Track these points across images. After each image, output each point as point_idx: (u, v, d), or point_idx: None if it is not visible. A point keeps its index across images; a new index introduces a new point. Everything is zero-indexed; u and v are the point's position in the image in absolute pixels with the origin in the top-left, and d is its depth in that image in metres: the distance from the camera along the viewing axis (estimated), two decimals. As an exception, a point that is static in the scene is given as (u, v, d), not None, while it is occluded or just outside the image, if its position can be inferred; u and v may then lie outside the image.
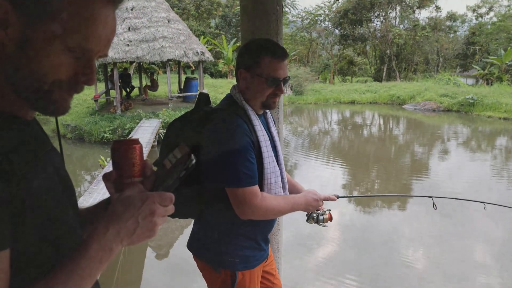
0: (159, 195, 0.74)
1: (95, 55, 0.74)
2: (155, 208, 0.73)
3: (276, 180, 1.68)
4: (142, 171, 0.81)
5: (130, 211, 0.71)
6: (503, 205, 1.79)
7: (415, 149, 12.36)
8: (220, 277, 1.74)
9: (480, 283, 4.52)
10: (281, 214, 1.72)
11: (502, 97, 18.58)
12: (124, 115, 13.74)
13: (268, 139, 1.67)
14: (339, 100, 23.45)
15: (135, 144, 0.81)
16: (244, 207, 1.58)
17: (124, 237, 0.71)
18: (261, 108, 1.69)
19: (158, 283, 4.68)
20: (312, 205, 1.75)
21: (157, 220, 0.73)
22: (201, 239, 1.79)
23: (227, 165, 1.56)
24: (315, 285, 4.54)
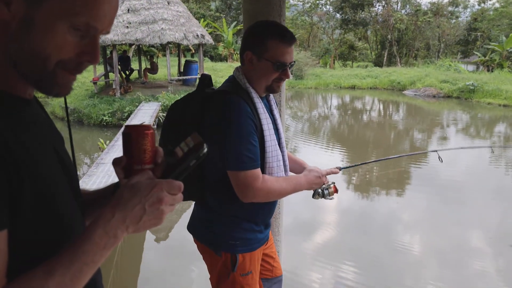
0: (168, 183, 0.73)
1: (99, 33, 0.73)
2: (163, 196, 0.71)
3: (278, 164, 1.68)
4: (153, 158, 0.80)
5: (137, 198, 0.70)
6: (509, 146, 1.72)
7: (415, 135, 12.38)
8: (220, 260, 1.75)
9: (476, 268, 4.58)
10: (283, 195, 1.72)
11: (502, 84, 18.51)
12: (123, 98, 13.68)
13: (270, 122, 1.66)
14: (340, 85, 23.35)
15: (147, 130, 0.79)
16: (246, 190, 1.57)
17: (130, 224, 0.70)
18: (264, 91, 1.68)
19: (157, 265, 4.74)
20: (315, 182, 1.77)
21: (164, 208, 0.72)
22: (201, 222, 1.79)
23: (229, 148, 1.55)
24: (313, 269, 4.59)
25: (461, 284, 4.21)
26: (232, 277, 1.76)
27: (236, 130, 1.54)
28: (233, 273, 1.75)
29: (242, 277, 1.77)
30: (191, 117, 1.66)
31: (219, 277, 1.80)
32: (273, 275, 2.04)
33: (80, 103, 13.82)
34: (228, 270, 1.76)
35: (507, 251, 4.99)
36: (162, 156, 0.82)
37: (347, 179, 7.89)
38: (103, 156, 7.22)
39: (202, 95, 1.67)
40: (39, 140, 0.75)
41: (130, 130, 0.79)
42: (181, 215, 6.12)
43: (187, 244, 4.89)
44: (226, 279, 1.78)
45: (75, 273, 0.65)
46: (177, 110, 1.72)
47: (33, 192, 0.68)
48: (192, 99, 1.70)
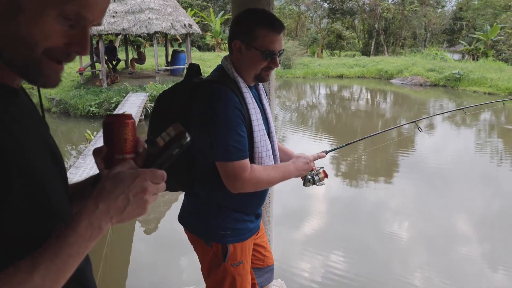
0: (151, 172, 0.72)
1: (90, 23, 0.71)
2: (147, 185, 0.70)
3: (267, 153, 1.67)
4: (134, 147, 0.79)
5: (120, 188, 0.69)
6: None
7: (402, 123, 12.49)
8: (211, 250, 1.75)
9: (462, 252, 4.68)
10: (272, 184, 1.70)
11: (487, 72, 18.75)
12: (110, 89, 13.51)
13: (259, 112, 1.64)
14: (327, 74, 23.39)
15: (128, 119, 0.79)
16: (234, 181, 1.57)
17: (114, 214, 0.69)
18: (253, 80, 1.66)
19: (147, 257, 4.73)
20: (303, 169, 1.76)
21: (148, 198, 0.71)
22: (192, 212, 1.78)
23: (217, 139, 1.54)
24: (303, 257, 4.64)
25: (449, 269, 4.30)
26: (223, 267, 1.76)
27: (223, 121, 1.53)
28: (224, 263, 1.75)
29: (233, 267, 1.77)
30: (178, 107, 1.64)
31: (210, 267, 1.80)
32: (264, 264, 2.04)
33: (66, 94, 13.61)
34: (219, 261, 1.75)
35: (492, 236, 5.10)
36: (143, 145, 0.81)
37: (336, 167, 7.96)
38: (91, 148, 7.15)
39: (189, 85, 1.65)
40: (30, 131, 0.73)
41: (111, 119, 0.78)
42: (171, 206, 6.12)
43: (177, 235, 4.90)
44: (217, 269, 1.78)
45: (59, 265, 0.65)
46: (165, 100, 1.70)
47: (24, 185, 0.66)
48: (179, 89, 1.68)
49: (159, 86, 13.50)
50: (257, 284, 2.05)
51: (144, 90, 13.31)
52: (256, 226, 1.85)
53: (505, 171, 7.82)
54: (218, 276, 1.80)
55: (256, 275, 2.04)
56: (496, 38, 25.59)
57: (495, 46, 26.28)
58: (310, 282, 4.13)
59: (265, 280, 2.10)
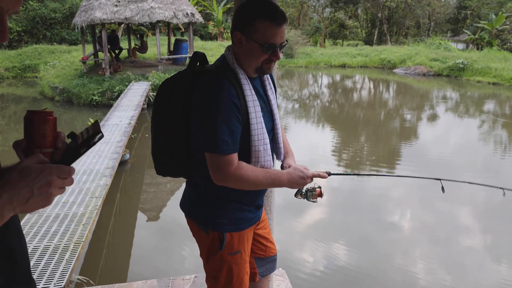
0: (58, 168, 0.76)
1: (6, 13, 0.74)
2: (52, 179, 0.74)
3: (265, 147, 1.64)
4: (53, 142, 0.83)
5: (25, 181, 0.73)
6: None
7: (405, 114, 12.45)
8: (208, 237, 1.77)
9: (464, 244, 4.69)
10: (257, 187, 1.64)
11: (491, 62, 18.59)
12: (113, 78, 13.50)
13: (258, 104, 1.61)
14: (330, 64, 23.27)
15: (49, 116, 0.82)
16: (217, 173, 1.57)
17: (17, 205, 0.72)
18: (254, 72, 1.63)
19: (149, 245, 4.77)
20: (297, 183, 1.67)
21: (53, 191, 0.75)
22: (191, 199, 1.80)
23: (206, 130, 1.54)
24: (304, 247, 4.67)
25: (451, 260, 4.32)
26: (220, 255, 1.78)
27: (215, 112, 1.52)
28: (221, 251, 1.76)
29: (230, 256, 1.78)
30: (179, 96, 1.63)
31: (208, 255, 1.82)
32: (266, 255, 2.05)
33: (69, 82, 13.61)
34: (216, 248, 1.77)
35: (494, 228, 5.11)
36: (63, 141, 0.85)
37: (337, 157, 7.96)
38: (93, 137, 7.17)
39: (191, 74, 1.65)
40: None
41: (31, 115, 0.82)
42: (173, 195, 6.15)
43: (179, 224, 4.93)
44: (214, 257, 1.80)
45: None
46: (167, 88, 1.69)
47: None
48: (181, 77, 1.68)
49: (161, 75, 13.47)
50: (258, 273, 2.07)
51: (147, 79, 13.30)
52: (256, 216, 1.85)
53: (508, 162, 7.79)
54: (216, 264, 1.82)
55: (257, 265, 2.05)
56: (501, 27, 25.32)
57: (500, 35, 26.01)
58: (311, 271, 4.16)
59: (267, 270, 2.11)
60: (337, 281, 4.04)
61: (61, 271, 3.07)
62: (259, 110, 1.61)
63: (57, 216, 4.03)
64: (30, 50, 20.55)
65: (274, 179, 1.62)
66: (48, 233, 3.66)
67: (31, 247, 3.42)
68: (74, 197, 4.52)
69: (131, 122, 8.17)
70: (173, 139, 1.68)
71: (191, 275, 3.01)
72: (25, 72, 19.36)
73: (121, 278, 4.07)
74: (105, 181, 5.03)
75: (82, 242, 3.52)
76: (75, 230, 3.72)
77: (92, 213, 4.09)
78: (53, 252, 3.35)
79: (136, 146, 8.39)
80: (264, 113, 1.68)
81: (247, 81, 1.60)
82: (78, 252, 3.35)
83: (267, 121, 1.70)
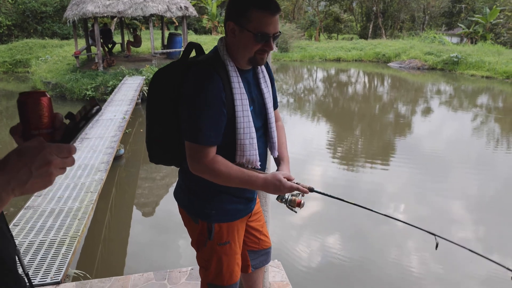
0: (57, 146, 0.74)
1: None
2: (52, 158, 0.72)
3: (251, 141, 1.62)
4: (51, 123, 0.80)
5: (23, 161, 0.70)
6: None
7: (399, 107, 12.50)
8: (198, 227, 1.79)
9: (458, 236, 4.74)
10: (230, 184, 1.62)
11: (485, 55, 18.68)
12: (107, 72, 13.41)
13: (245, 98, 1.59)
14: (325, 58, 23.27)
15: (42, 96, 0.80)
16: (193, 163, 1.58)
17: (15, 186, 0.70)
18: (247, 63, 1.61)
19: (145, 240, 4.78)
20: (272, 190, 1.62)
21: (53, 171, 0.73)
22: (182, 189, 1.81)
23: (188, 119, 1.55)
24: (300, 241, 4.70)
25: (443, 253, 4.37)
26: (209, 245, 1.79)
27: (200, 105, 1.52)
28: (210, 241, 1.77)
29: (219, 246, 1.79)
30: (170, 87, 1.63)
31: (198, 244, 1.85)
32: (259, 247, 2.07)
33: (62, 77, 13.51)
34: (205, 238, 1.78)
35: (485, 220, 5.17)
36: (61, 120, 0.82)
37: (332, 151, 7.99)
38: (87, 131, 7.15)
39: (183, 65, 1.64)
40: None
41: (24, 97, 0.79)
42: (168, 190, 6.15)
43: (174, 218, 4.94)
44: (204, 247, 1.82)
45: None
46: (160, 79, 1.70)
47: None
48: (173, 68, 1.68)
49: (155, 70, 13.37)
50: (251, 266, 2.08)
51: (141, 74, 13.23)
52: (248, 208, 1.86)
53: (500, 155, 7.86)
54: (206, 254, 1.84)
55: (250, 258, 2.06)
56: (495, 21, 25.42)
57: (494, 29, 26.12)
58: (307, 263, 4.20)
59: (260, 263, 2.12)
60: (332, 274, 4.07)
61: (57, 265, 3.08)
62: (247, 103, 1.60)
63: (52, 211, 4.03)
64: (21, 44, 20.32)
65: (248, 180, 1.58)
66: (44, 228, 3.66)
67: (26, 242, 3.42)
68: (69, 192, 4.52)
69: (125, 117, 8.15)
70: (165, 129, 1.69)
71: (187, 268, 3.04)
72: (16, 67, 19.15)
73: (118, 272, 4.08)
74: (100, 176, 5.02)
75: (78, 236, 3.52)
76: (70, 225, 3.72)
77: (88, 208, 4.10)
78: (49, 246, 3.35)
79: (130, 141, 8.37)
80: (255, 106, 1.67)
81: (236, 73, 1.59)
82: (74, 246, 3.36)
83: (258, 115, 1.69)
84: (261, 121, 1.72)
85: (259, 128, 1.71)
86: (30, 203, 4.22)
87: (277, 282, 2.84)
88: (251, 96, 1.66)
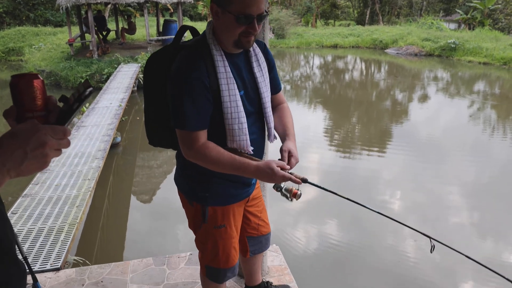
0: (52, 127, 0.73)
1: None
2: (47, 140, 0.72)
3: (240, 126, 1.59)
4: (45, 105, 0.80)
5: (17, 143, 0.70)
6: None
7: (396, 94, 12.49)
8: (193, 209, 1.80)
9: (453, 222, 4.78)
10: (220, 170, 1.60)
11: (483, 41, 18.62)
12: (101, 60, 13.30)
13: (233, 82, 1.56)
14: (322, 44, 23.14)
15: (35, 78, 0.79)
16: (184, 149, 1.58)
17: (10, 168, 0.69)
18: (233, 47, 1.56)
19: (143, 227, 4.80)
20: (264, 178, 1.59)
21: (48, 152, 0.72)
22: (179, 171, 1.82)
23: (173, 106, 1.55)
24: (298, 226, 4.73)
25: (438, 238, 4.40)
26: (204, 228, 1.81)
27: (183, 90, 1.51)
28: (205, 224, 1.79)
29: (214, 230, 1.81)
30: (161, 71, 1.63)
31: (194, 227, 1.87)
32: (258, 234, 2.07)
33: (56, 66, 13.40)
34: (200, 221, 1.80)
35: (480, 206, 5.21)
36: (54, 103, 0.82)
37: (329, 138, 8.00)
38: (84, 119, 7.12)
39: (173, 49, 1.63)
40: None
41: (16, 79, 0.78)
42: (165, 178, 6.16)
43: (172, 206, 4.96)
44: (200, 229, 1.84)
45: None
46: (152, 63, 1.69)
47: None
48: (164, 52, 1.67)
49: (151, 57, 13.29)
50: (249, 251, 2.10)
51: (136, 61, 13.13)
52: (244, 193, 1.85)
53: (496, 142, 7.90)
54: (202, 237, 1.86)
55: (249, 243, 2.08)
56: (493, 6, 25.26)
57: (492, 15, 25.98)
58: (304, 248, 4.23)
59: (259, 249, 2.14)
60: (329, 258, 4.11)
61: (57, 252, 3.09)
62: (234, 88, 1.56)
63: (50, 198, 4.03)
64: (13, 32, 20.05)
65: (239, 167, 1.56)
66: (42, 216, 3.67)
67: (25, 229, 3.43)
68: (67, 179, 4.52)
69: (121, 105, 8.11)
70: (159, 112, 1.69)
71: (186, 253, 3.05)
72: (9, 55, 18.92)
73: (117, 258, 4.10)
74: (97, 164, 5.02)
75: (77, 223, 3.53)
76: (69, 212, 3.73)
77: (86, 195, 4.10)
78: (48, 233, 3.36)
79: (127, 129, 8.35)
80: (247, 91, 1.64)
81: (222, 57, 1.55)
82: (73, 233, 3.37)
83: (250, 100, 1.66)
84: (254, 106, 1.69)
85: (251, 113, 1.68)
86: (28, 191, 4.21)
87: (275, 266, 2.87)
88: (242, 81, 1.62)
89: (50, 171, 4.74)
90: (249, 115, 1.65)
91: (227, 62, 1.56)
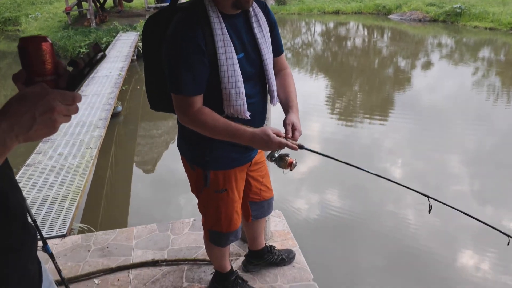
0: (60, 92, 0.72)
1: None
2: (55, 105, 0.70)
3: (237, 91, 1.56)
4: (54, 69, 0.78)
5: (25, 106, 0.68)
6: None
7: (399, 61, 12.32)
8: (194, 174, 1.82)
9: (454, 189, 4.81)
10: (216, 136, 1.59)
11: (489, 6, 18.16)
12: (100, 29, 13.10)
13: (230, 45, 1.52)
14: (324, 10, 22.62)
15: (44, 41, 0.78)
16: (180, 114, 1.58)
17: (19, 132, 0.68)
18: (232, 7, 1.51)
19: (146, 196, 4.85)
20: (259, 146, 1.59)
21: (57, 118, 0.71)
22: (181, 136, 1.82)
23: (168, 70, 1.52)
24: (300, 194, 4.77)
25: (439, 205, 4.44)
26: (206, 192, 1.83)
27: (178, 54, 1.48)
28: (207, 188, 1.80)
29: (216, 194, 1.82)
30: (157, 34, 1.60)
31: (196, 191, 1.88)
32: (260, 199, 2.09)
33: (54, 35, 13.20)
34: (201, 185, 1.81)
35: (481, 174, 5.23)
36: (64, 67, 0.80)
37: (330, 107, 7.95)
38: (84, 89, 7.07)
39: (169, 11, 1.59)
40: None
41: (25, 43, 0.77)
42: (167, 148, 6.18)
43: (174, 175, 5.00)
44: (201, 193, 1.86)
45: None
46: (149, 26, 1.66)
47: None
48: (161, 15, 1.63)
49: (150, 25, 13.07)
50: (251, 216, 2.12)
51: (135, 29, 12.93)
52: (247, 157, 1.85)
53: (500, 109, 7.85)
54: (204, 201, 1.89)
55: (251, 208, 2.10)
56: (500, -31, 24.54)
57: (498, -22, 25.27)
58: (306, 214, 4.29)
59: (261, 214, 2.16)
60: (331, 224, 4.17)
61: (62, 219, 3.14)
62: (231, 50, 1.52)
63: (53, 167, 4.06)
64: (8, 1, 19.62)
65: (234, 133, 1.55)
66: (46, 184, 3.70)
67: (30, 197, 3.47)
68: (69, 149, 4.53)
69: (121, 74, 8.04)
70: (157, 77, 1.67)
71: (190, 219, 3.10)
72: (5, 25, 18.58)
73: (121, 225, 4.15)
74: (98, 132, 5.02)
75: (80, 191, 3.57)
76: (72, 181, 3.76)
77: (88, 164, 4.12)
78: (52, 201, 3.40)
79: (128, 98, 8.30)
80: (247, 52, 1.60)
81: (218, 19, 1.51)
82: (77, 201, 3.41)
83: (252, 61, 1.63)
84: (256, 68, 1.65)
85: (252, 75, 1.64)
86: (31, 161, 4.24)
87: (278, 231, 2.91)
88: (241, 43, 1.58)
89: (52, 140, 4.75)
90: (250, 77, 1.62)
91: (224, 24, 1.52)
